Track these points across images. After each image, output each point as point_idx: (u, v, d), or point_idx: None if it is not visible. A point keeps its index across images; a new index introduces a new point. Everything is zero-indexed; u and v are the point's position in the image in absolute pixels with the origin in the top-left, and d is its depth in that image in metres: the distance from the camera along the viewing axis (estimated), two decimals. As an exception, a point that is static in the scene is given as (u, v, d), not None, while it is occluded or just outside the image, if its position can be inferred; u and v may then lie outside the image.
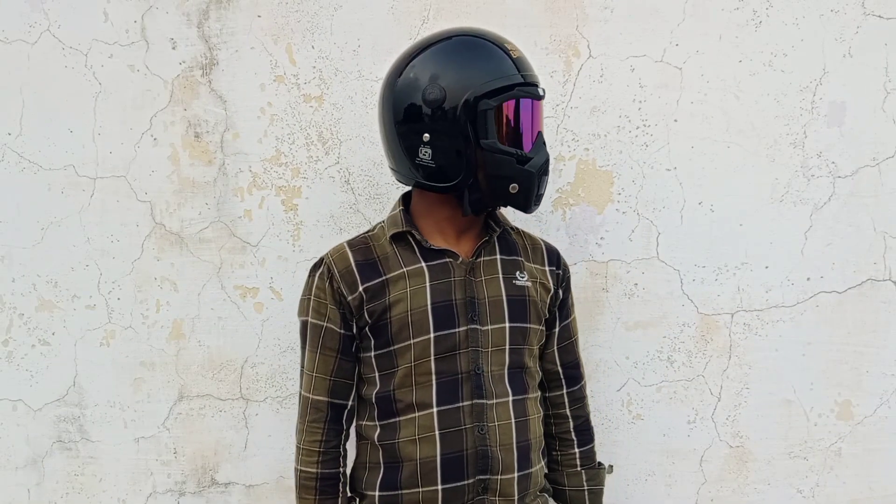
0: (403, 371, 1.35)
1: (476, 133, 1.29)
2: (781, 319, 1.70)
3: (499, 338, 1.37)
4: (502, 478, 1.34)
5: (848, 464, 1.72)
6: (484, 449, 1.33)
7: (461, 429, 1.33)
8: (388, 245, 1.40)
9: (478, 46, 1.32)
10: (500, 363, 1.37)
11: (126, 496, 1.87)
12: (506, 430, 1.35)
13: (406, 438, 1.35)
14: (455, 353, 1.34)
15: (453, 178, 1.33)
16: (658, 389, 1.74)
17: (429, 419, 1.34)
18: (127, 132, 1.80)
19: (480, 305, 1.36)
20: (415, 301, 1.35)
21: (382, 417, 1.38)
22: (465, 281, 1.37)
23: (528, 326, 1.40)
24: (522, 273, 1.42)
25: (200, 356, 1.83)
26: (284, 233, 1.79)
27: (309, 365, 1.41)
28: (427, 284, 1.35)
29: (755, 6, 1.66)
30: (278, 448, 1.83)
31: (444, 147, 1.31)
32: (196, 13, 1.77)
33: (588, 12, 1.69)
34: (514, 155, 1.30)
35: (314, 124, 1.76)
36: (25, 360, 1.87)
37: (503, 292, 1.38)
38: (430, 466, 1.33)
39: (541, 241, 1.50)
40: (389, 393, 1.37)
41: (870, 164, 1.67)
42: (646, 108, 1.69)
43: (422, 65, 1.32)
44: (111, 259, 1.83)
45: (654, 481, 1.76)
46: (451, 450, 1.33)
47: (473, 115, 1.28)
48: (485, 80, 1.29)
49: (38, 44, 1.81)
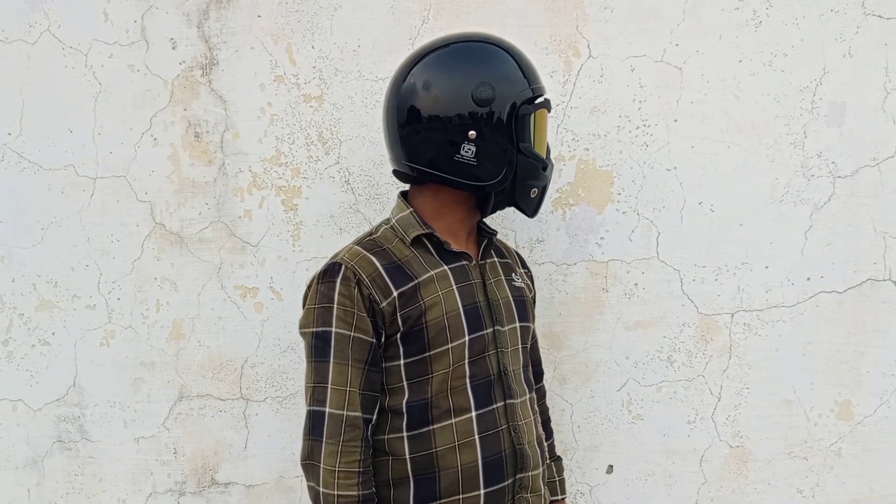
0: (441, 377, 1.31)
1: (517, 137, 1.33)
2: (781, 319, 1.70)
3: (514, 337, 1.40)
4: (532, 473, 1.37)
5: (848, 464, 1.72)
6: (521, 448, 1.35)
7: (498, 430, 1.34)
8: (405, 248, 1.35)
9: (516, 55, 1.38)
10: (518, 362, 1.41)
11: (126, 496, 1.87)
12: (530, 426, 1.39)
13: (444, 447, 1.30)
14: (485, 355, 1.35)
15: (492, 178, 1.33)
16: (658, 389, 1.74)
17: (468, 424, 1.31)
18: (127, 132, 1.80)
19: (496, 306, 1.38)
20: (448, 304, 1.32)
21: (413, 427, 1.31)
22: (482, 283, 1.39)
23: (530, 326, 1.46)
24: (517, 275, 1.47)
25: (200, 356, 1.83)
26: (284, 233, 1.79)
27: (336, 378, 1.28)
28: (454, 287, 1.34)
29: (755, 6, 1.66)
30: (278, 448, 1.82)
31: (488, 147, 1.32)
32: (196, 13, 1.77)
33: (588, 12, 1.69)
34: (540, 160, 1.36)
35: (314, 124, 1.76)
36: (25, 360, 1.87)
37: (509, 293, 1.42)
38: (472, 472, 1.30)
39: (511, 246, 1.60)
40: (426, 400, 1.31)
41: (870, 164, 1.67)
42: (646, 108, 1.69)
43: (467, 64, 1.34)
44: (111, 259, 1.83)
45: (654, 481, 1.76)
46: (491, 453, 1.32)
47: (515, 119, 1.33)
48: (526, 87, 1.34)
49: (38, 44, 1.81)
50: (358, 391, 1.29)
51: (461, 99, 1.31)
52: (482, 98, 1.31)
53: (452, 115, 1.31)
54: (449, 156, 1.32)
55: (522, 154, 1.34)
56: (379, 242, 1.36)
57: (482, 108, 1.31)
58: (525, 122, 1.33)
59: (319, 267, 1.34)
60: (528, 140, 1.34)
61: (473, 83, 1.31)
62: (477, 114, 1.31)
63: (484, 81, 1.31)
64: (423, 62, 1.35)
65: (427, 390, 1.31)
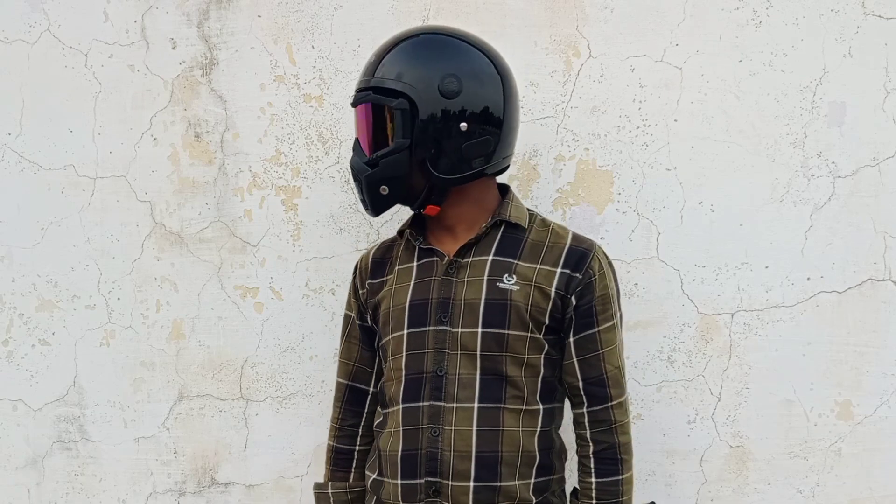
0: (389, 365, 1.41)
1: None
2: (781, 319, 1.70)
3: (469, 342, 1.33)
4: (454, 484, 1.31)
5: (848, 464, 1.72)
6: (434, 451, 1.32)
7: (418, 428, 1.34)
8: (402, 243, 1.46)
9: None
10: (471, 368, 1.33)
11: (126, 496, 1.87)
12: (465, 436, 1.31)
13: (385, 430, 1.40)
14: (423, 351, 1.35)
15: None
16: (658, 389, 1.74)
17: (397, 415, 1.37)
18: (127, 132, 1.80)
19: (454, 307, 1.34)
20: (397, 298, 1.39)
21: (382, 407, 1.45)
22: (442, 281, 1.36)
23: (506, 333, 1.33)
24: (511, 276, 1.35)
25: (200, 356, 1.83)
26: (284, 233, 1.79)
27: (339, 351, 1.54)
28: (411, 282, 1.39)
29: (755, 6, 1.66)
30: (278, 448, 1.82)
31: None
32: (196, 13, 1.77)
33: (588, 12, 1.69)
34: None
35: (314, 124, 1.76)
36: (25, 360, 1.87)
37: (483, 295, 1.34)
38: (394, 461, 1.36)
39: (567, 241, 1.39)
40: (382, 385, 1.45)
41: (870, 164, 1.67)
42: (646, 108, 1.69)
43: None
44: (111, 259, 1.83)
45: (654, 481, 1.76)
46: (408, 448, 1.34)
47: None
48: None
49: (38, 44, 1.81)
50: (350, 363, 1.51)
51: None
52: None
53: None
54: None
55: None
56: (393, 239, 1.50)
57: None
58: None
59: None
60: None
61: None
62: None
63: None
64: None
65: (383, 376, 1.44)
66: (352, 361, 1.51)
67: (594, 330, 1.36)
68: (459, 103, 1.31)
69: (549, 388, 1.38)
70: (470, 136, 1.32)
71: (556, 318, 1.36)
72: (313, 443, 1.80)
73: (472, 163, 1.34)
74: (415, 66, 1.32)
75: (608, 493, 1.36)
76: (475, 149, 1.33)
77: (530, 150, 1.72)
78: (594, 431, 1.37)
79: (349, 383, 1.51)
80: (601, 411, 1.37)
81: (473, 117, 1.32)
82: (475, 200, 1.40)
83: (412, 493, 1.33)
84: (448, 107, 1.31)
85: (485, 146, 1.34)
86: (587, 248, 1.38)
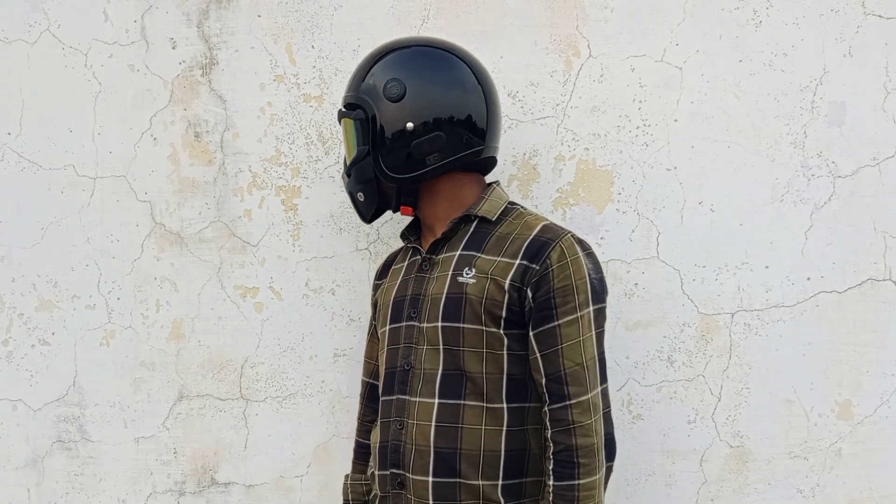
0: (381, 360, 1.48)
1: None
2: (781, 319, 1.70)
3: (433, 336, 1.34)
4: (414, 478, 1.33)
5: (848, 463, 1.72)
6: (397, 444, 1.36)
7: (389, 420, 1.38)
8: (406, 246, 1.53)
9: (363, 59, 1.47)
10: (434, 362, 1.34)
11: (126, 496, 1.87)
12: (424, 431, 1.32)
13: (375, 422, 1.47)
14: (397, 346, 1.40)
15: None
16: (658, 389, 1.74)
17: (380, 408, 1.44)
18: (127, 132, 1.80)
19: (423, 302, 1.37)
20: (386, 296, 1.47)
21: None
22: (415, 277, 1.42)
23: (461, 326, 1.31)
24: (470, 269, 1.33)
25: (200, 356, 1.83)
26: (284, 233, 1.79)
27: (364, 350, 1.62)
28: (399, 280, 1.46)
29: (755, 6, 1.66)
30: (278, 448, 1.82)
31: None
32: (196, 13, 1.77)
33: (588, 12, 1.69)
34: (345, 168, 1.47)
35: (314, 124, 1.76)
36: (25, 360, 1.87)
37: (445, 290, 1.34)
38: (374, 451, 1.44)
39: (532, 232, 1.35)
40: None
41: (870, 164, 1.67)
42: (646, 107, 1.69)
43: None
44: (111, 259, 1.83)
45: (654, 481, 1.76)
46: (383, 439, 1.40)
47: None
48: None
49: (38, 44, 1.81)
50: (369, 360, 1.60)
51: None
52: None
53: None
54: None
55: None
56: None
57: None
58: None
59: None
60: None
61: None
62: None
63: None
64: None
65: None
66: (372, 360, 1.58)
67: (553, 324, 1.29)
68: (405, 105, 1.36)
69: (517, 386, 1.33)
70: (416, 134, 1.35)
71: (514, 311, 1.31)
72: (313, 443, 1.80)
73: (425, 160, 1.37)
74: (365, 78, 1.41)
75: (563, 497, 1.27)
76: (425, 146, 1.35)
77: (530, 150, 1.72)
78: (553, 431, 1.29)
79: (368, 380, 1.59)
80: (559, 410, 1.28)
81: (419, 116, 1.35)
82: (449, 198, 1.42)
83: (383, 483, 1.39)
84: (394, 109, 1.36)
85: (436, 142, 1.35)
86: (550, 238, 1.32)
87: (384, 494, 1.39)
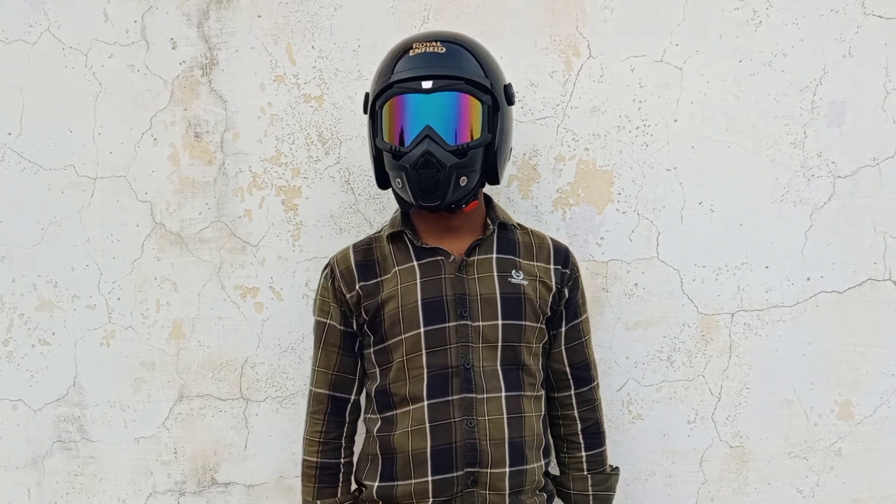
0: (398, 365, 1.40)
1: (373, 132, 1.39)
2: (781, 319, 1.70)
3: (491, 334, 1.38)
4: (492, 471, 1.36)
5: (848, 464, 1.72)
6: (472, 442, 1.35)
7: (451, 421, 1.36)
8: (386, 245, 1.45)
9: (390, 51, 1.38)
10: (493, 359, 1.39)
11: (126, 496, 1.87)
12: (497, 424, 1.37)
13: (400, 431, 1.39)
14: (445, 347, 1.37)
15: (378, 180, 1.44)
16: (658, 389, 1.74)
17: (420, 412, 1.37)
18: (127, 132, 1.80)
19: (472, 302, 1.38)
20: (405, 298, 1.39)
21: (381, 411, 1.43)
22: (455, 278, 1.39)
23: (524, 324, 1.41)
24: (518, 272, 1.42)
25: (200, 356, 1.83)
26: (284, 233, 1.79)
27: (314, 360, 1.49)
28: (418, 281, 1.40)
29: (755, 6, 1.66)
30: (278, 448, 1.83)
31: (370, 151, 1.43)
32: (196, 13, 1.77)
33: (588, 12, 1.69)
34: (390, 150, 1.33)
35: (314, 124, 1.76)
36: (25, 360, 1.87)
37: (497, 290, 1.40)
38: (422, 458, 1.36)
39: (549, 240, 1.50)
40: (386, 387, 1.41)
41: (870, 164, 1.67)
42: (646, 108, 1.69)
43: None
44: (111, 259, 1.83)
45: (654, 481, 1.76)
46: (440, 442, 1.36)
47: (371, 117, 1.39)
48: (375, 83, 1.38)
49: (38, 44, 1.81)
50: (330, 372, 1.47)
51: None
52: (364, 102, 1.42)
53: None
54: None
55: (377, 148, 1.38)
56: (371, 240, 1.49)
57: (365, 113, 1.42)
58: (377, 117, 1.36)
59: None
60: (379, 133, 1.36)
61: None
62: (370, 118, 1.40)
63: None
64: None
65: (388, 377, 1.41)
66: (330, 370, 1.46)
67: (579, 320, 1.51)
68: (511, 112, 1.43)
69: (545, 375, 1.50)
70: (510, 141, 1.44)
71: (554, 309, 1.47)
72: (313, 443, 1.80)
73: (505, 167, 1.44)
74: (491, 69, 1.37)
75: (596, 462, 1.52)
76: (508, 155, 1.45)
77: (530, 150, 1.72)
78: (581, 410, 1.51)
79: (330, 393, 1.46)
80: (586, 392, 1.52)
81: (512, 126, 1.46)
82: (481, 204, 1.47)
83: (448, 487, 1.36)
84: (510, 113, 1.41)
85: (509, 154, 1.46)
86: (566, 248, 1.51)
87: (447, 498, 1.36)
